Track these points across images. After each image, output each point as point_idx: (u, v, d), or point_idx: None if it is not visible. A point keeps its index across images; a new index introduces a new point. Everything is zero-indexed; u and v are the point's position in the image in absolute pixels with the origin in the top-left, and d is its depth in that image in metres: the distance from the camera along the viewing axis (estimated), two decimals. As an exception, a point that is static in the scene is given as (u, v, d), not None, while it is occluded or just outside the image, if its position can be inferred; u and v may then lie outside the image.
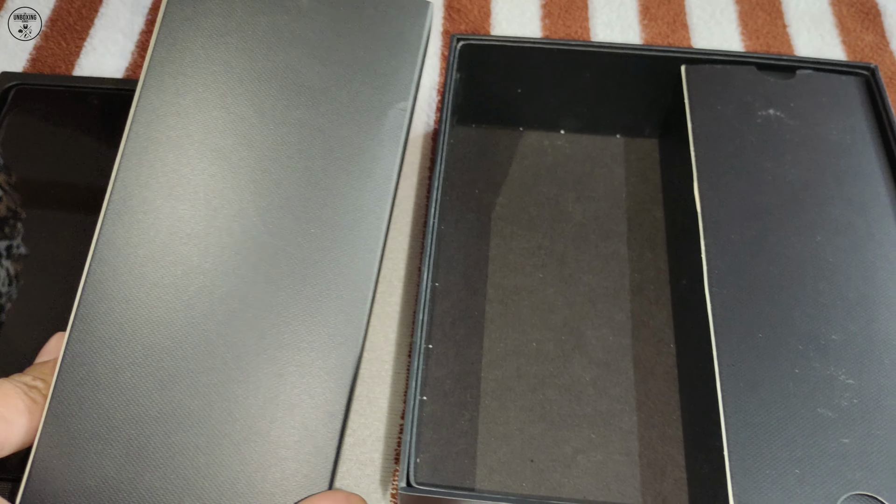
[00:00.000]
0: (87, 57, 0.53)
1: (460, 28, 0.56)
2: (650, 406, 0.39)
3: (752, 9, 0.57)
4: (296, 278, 0.32)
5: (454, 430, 0.38)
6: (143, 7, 0.56)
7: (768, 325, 0.34)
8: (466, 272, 0.43)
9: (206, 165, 0.33)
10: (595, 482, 0.37)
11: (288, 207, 0.33)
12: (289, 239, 0.33)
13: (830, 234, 0.37)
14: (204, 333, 0.32)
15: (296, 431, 0.31)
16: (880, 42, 0.55)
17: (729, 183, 0.39)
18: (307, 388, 0.31)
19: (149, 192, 0.33)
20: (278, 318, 0.32)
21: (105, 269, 0.32)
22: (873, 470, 0.31)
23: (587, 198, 0.46)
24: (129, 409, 0.31)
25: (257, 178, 0.33)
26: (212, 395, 0.31)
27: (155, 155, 0.33)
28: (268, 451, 0.30)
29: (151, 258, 0.32)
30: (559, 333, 0.41)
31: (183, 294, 0.32)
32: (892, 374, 0.33)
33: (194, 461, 0.30)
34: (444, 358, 0.40)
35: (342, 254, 0.33)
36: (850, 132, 0.41)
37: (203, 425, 0.31)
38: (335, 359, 0.32)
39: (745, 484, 0.31)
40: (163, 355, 0.31)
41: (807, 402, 0.32)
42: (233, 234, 0.33)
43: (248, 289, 0.32)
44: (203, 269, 0.32)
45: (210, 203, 0.33)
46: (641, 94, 0.46)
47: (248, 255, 0.33)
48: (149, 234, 0.33)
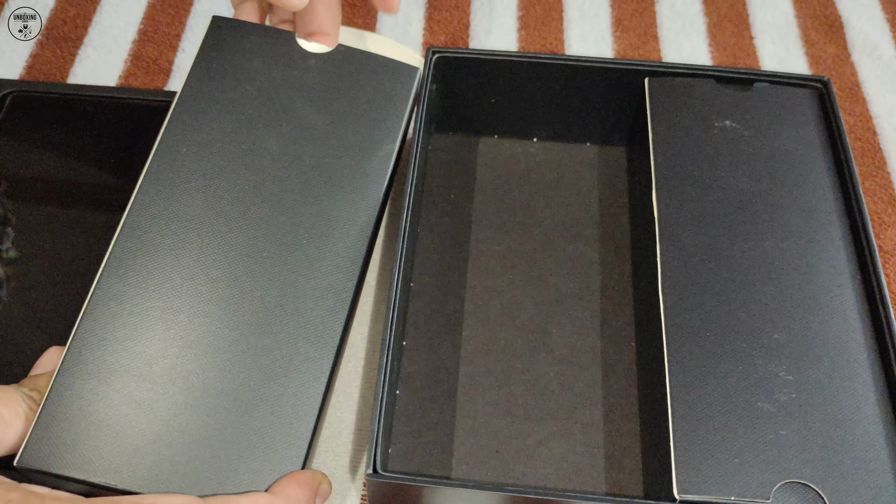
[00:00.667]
0: (81, 65, 0.55)
1: (440, 39, 0.58)
2: (611, 401, 0.41)
3: (720, 21, 0.59)
4: (285, 280, 0.36)
5: (425, 423, 0.40)
6: (136, 17, 0.58)
7: (716, 324, 0.37)
8: (441, 273, 0.46)
9: (220, 185, 0.38)
10: (556, 472, 0.39)
11: (285, 221, 0.38)
12: (283, 246, 0.37)
13: (778, 239, 0.40)
14: (196, 337, 0.35)
15: (273, 422, 0.33)
16: (842, 53, 0.58)
17: (685, 190, 0.41)
18: (286, 382, 0.34)
19: (166, 208, 0.38)
20: (266, 315, 0.36)
21: (107, 285, 0.35)
22: (808, 460, 0.33)
23: (557, 203, 0.49)
24: (121, 419, 0.33)
25: (261, 197, 0.38)
26: (196, 388, 0.34)
27: (175, 177, 0.39)
28: (245, 441, 0.33)
29: (155, 265, 0.36)
30: (527, 332, 0.44)
31: (178, 300, 0.35)
32: (830, 371, 0.36)
33: (178, 449, 0.33)
34: (417, 354, 0.42)
35: (328, 263, 0.37)
36: (801, 142, 0.43)
37: (188, 415, 0.33)
38: (314, 354, 0.35)
39: (687, 473, 0.33)
40: (156, 366, 0.34)
41: (748, 396, 0.35)
42: (235, 245, 0.37)
43: (243, 289, 0.36)
44: (207, 276, 0.36)
45: (219, 216, 0.38)
46: (610, 105, 0.48)
47: (246, 260, 0.37)
48: (161, 240, 0.37)
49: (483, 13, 0.59)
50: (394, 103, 0.42)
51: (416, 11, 0.59)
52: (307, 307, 0.36)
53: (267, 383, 0.34)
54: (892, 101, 0.55)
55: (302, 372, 0.35)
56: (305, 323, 0.36)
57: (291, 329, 0.36)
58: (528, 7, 0.60)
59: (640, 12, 0.60)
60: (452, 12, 0.59)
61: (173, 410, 0.33)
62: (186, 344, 0.35)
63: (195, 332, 0.35)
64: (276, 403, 0.34)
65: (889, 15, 0.60)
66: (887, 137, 0.53)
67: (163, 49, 0.56)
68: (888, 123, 0.54)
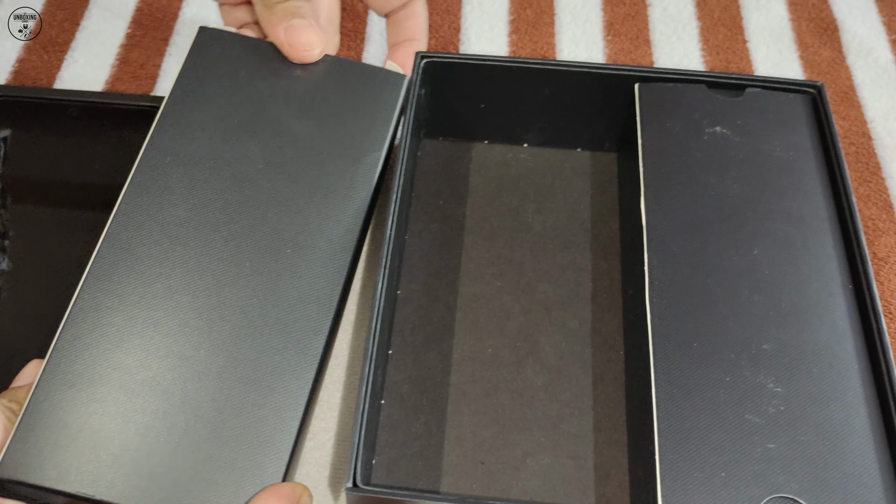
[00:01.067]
0: (68, 69, 0.55)
1: (431, 43, 0.57)
2: (598, 411, 0.41)
3: (713, 25, 0.59)
4: (267, 290, 0.36)
5: (409, 433, 0.40)
6: (123, 21, 0.58)
7: (703, 334, 0.36)
8: (428, 280, 0.45)
9: (204, 194, 0.38)
10: (542, 484, 0.39)
11: (268, 230, 0.38)
12: (266, 256, 0.37)
13: (768, 247, 0.39)
14: (177, 348, 0.34)
15: (254, 434, 0.33)
16: (837, 57, 0.57)
17: (674, 197, 0.41)
18: (267, 393, 0.34)
19: (149, 216, 0.38)
20: (248, 326, 0.35)
21: (88, 295, 0.35)
22: (795, 474, 0.33)
23: (547, 209, 0.48)
24: (100, 429, 0.33)
25: (245, 206, 0.38)
26: (176, 398, 0.33)
27: (159, 186, 0.38)
28: (225, 452, 0.32)
29: (137, 275, 0.36)
30: (514, 340, 0.43)
31: (159, 311, 0.35)
32: (820, 383, 0.35)
33: (158, 460, 0.32)
34: (402, 363, 0.42)
35: (311, 272, 0.37)
36: (793, 149, 0.43)
37: (168, 426, 0.33)
38: (297, 365, 0.35)
39: (673, 486, 0.32)
40: (136, 376, 0.34)
41: (736, 408, 0.34)
42: (218, 255, 0.37)
43: (225, 300, 0.36)
44: (189, 286, 0.36)
45: (202, 226, 0.37)
46: (600, 110, 0.48)
47: (229, 270, 0.36)
48: (145, 250, 0.37)
49: (474, 17, 0.59)
50: (381, 111, 0.42)
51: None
52: (290, 318, 0.36)
53: (248, 394, 0.34)
54: (887, 105, 0.55)
55: (284, 383, 0.34)
56: (288, 334, 0.35)
57: (273, 340, 0.35)
58: (519, 11, 0.59)
59: (632, 16, 0.59)
60: (443, 16, 0.58)
61: (153, 421, 0.33)
62: (167, 354, 0.34)
63: (176, 343, 0.34)
64: (258, 415, 0.33)
65: (885, 18, 0.60)
66: (882, 142, 0.53)
67: (150, 53, 0.56)
68: (883, 128, 0.53)
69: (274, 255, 0.37)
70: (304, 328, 0.36)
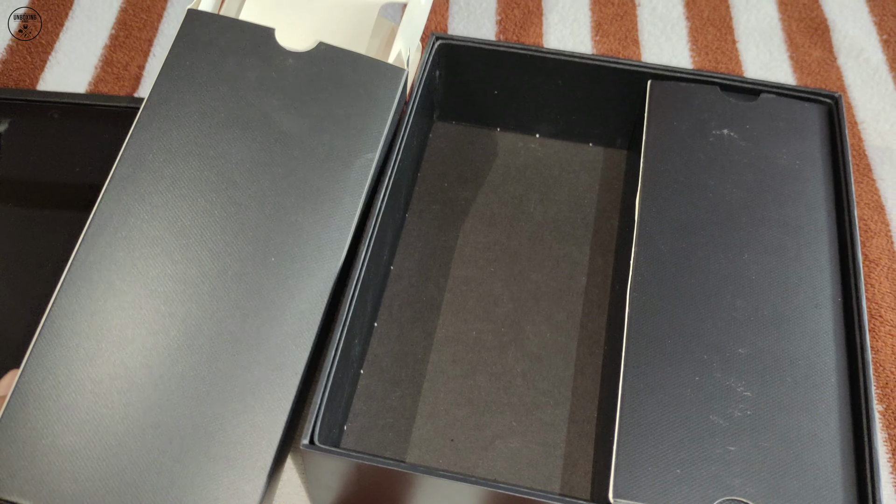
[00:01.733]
0: (51, 71, 0.55)
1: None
2: (574, 402, 0.41)
3: (702, 25, 0.58)
4: (249, 302, 0.35)
5: (384, 405, 0.40)
6: (107, 23, 0.58)
7: (679, 333, 0.36)
8: (422, 259, 0.45)
9: (185, 195, 0.36)
10: (509, 467, 0.39)
11: (253, 236, 0.36)
12: (250, 265, 0.35)
13: (759, 253, 0.38)
14: (154, 361, 0.33)
15: (231, 451, 0.32)
16: (828, 57, 0.56)
17: (669, 196, 0.40)
18: (246, 410, 0.33)
19: (129, 219, 0.36)
20: (228, 341, 0.34)
21: (63, 304, 0.34)
22: (753, 479, 0.32)
23: (550, 200, 0.48)
24: (72, 444, 0.32)
25: (229, 209, 0.36)
26: (152, 413, 0.33)
27: (140, 186, 0.37)
28: (202, 470, 0.32)
29: (114, 282, 0.35)
30: (500, 325, 0.43)
31: (136, 322, 0.34)
32: (792, 392, 0.34)
33: (130, 476, 0.32)
34: (386, 337, 0.43)
35: (297, 283, 0.35)
36: (801, 158, 0.42)
37: (142, 442, 0.32)
38: (277, 382, 0.34)
39: (626, 477, 0.32)
40: (112, 390, 0.33)
41: (701, 408, 0.34)
42: (199, 263, 0.35)
43: (205, 312, 0.34)
44: (168, 297, 0.35)
45: (182, 231, 0.36)
46: (614, 106, 0.48)
47: (210, 280, 0.35)
48: (123, 255, 0.35)
49: (461, 17, 0.59)
50: (376, 108, 0.40)
51: (394, 15, 0.59)
52: (272, 332, 0.34)
53: (226, 411, 0.33)
54: (878, 105, 0.54)
55: (263, 401, 0.33)
56: (268, 348, 0.34)
57: (253, 354, 0.34)
58: (507, 11, 0.59)
59: (620, 16, 0.59)
60: (431, 16, 0.59)
61: (127, 436, 0.32)
62: (143, 366, 0.33)
63: (152, 356, 0.33)
64: (235, 432, 0.33)
65: (876, 17, 0.59)
66: (873, 143, 0.52)
67: (134, 54, 0.56)
68: (874, 129, 0.53)
69: (258, 264, 0.35)
70: (286, 344, 0.34)
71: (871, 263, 0.46)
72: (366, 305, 0.40)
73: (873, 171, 0.51)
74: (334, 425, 0.37)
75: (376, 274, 0.41)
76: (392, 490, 0.35)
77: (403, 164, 0.43)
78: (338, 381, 0.36)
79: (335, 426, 0.37)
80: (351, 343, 0.37)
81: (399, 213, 0.45)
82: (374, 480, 0.34)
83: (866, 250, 0.47)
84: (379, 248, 0.40)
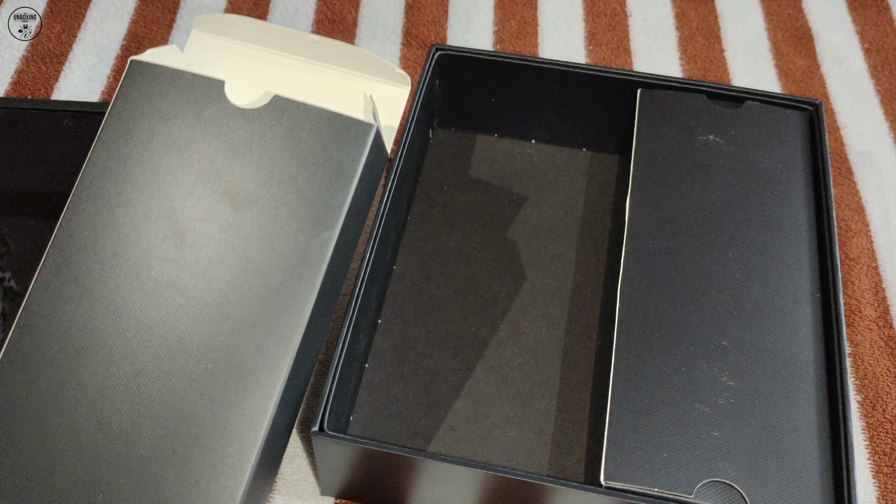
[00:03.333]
0: (65, 80, 0.57)
1: (417, 53, 0.60)
2: (568, 393, 0.43)
3: (691, 35, 0.61)
4: (207, 364, 0.34)
5: (389, 397, 0.43)
6: (119, 33, 0.60)
7: (666, 326, 0.38)
8: (423, 259, 0.48)
9: (131, 262, 0.35)
10: (507, 454, 0.41)
11: (212, 300, 0.35)
12: (206, 324, 0.34)
13: (742, 252, 0.41)
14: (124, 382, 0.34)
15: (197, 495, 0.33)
16: (812, 65, 0.59)
17: (658, 198, 0.43)
18: (217, 441, 0.33)
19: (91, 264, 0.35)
20: (192, 390, 0.34)
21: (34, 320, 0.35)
22: (736, 462, 0.34)
23: (545, 203, 0.50)
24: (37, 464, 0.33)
25: (183, 266, 0.35)
26: (119, 442, 0.33)
27: (91, 240, 0.36)
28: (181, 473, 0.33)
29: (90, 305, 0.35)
30: (497, 322, 0.45)
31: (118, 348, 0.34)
32: (773, 381, 0.37)
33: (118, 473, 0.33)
34: (390, 333, 0.45)
35: (255, 346, 0.34)
36: (782, 162, 0.44)
37: (114, 469, 0.33)
38: (249, 414, 0.34)
39: (617, 461, 0.35)
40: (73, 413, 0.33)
41: (687, 396, 0.36)
42: (156, 321, 0.35)
43: (167, 369, 0.34)
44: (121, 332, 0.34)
45: (136, 287, 0.35)
46: (605, 113, 0.50)
47: (170, 334, 0.34)
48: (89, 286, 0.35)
49: (459, 28, 0.61)
50: (339, 175, 0.35)
51: (393, 25, 0.61)
52: (227, 393, 0.34)
53: (193, 450, 0.33)
54: (859, 112, 0.56)
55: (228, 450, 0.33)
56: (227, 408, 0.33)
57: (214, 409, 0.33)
58: (503, 22, 0.62)
59: (612, 26, 0.61)
60: (429, 27, 0.61)
61: (96, 459, 0.33)
62: (92, 414, 0.33)
63: (109, 401, 0.33)
64: (201, 476, 0.33)
65: (858, 27, 0.61)
66: (854, 148, 0.55)
67: None
68: (856, 134, 0.55)
69: (215, 325, 0.34)
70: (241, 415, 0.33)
71: (851, 262, 0.49)
72: (370, 303, 0.42)
73: (854, 174, 0.53)
74: (341, 415, 0.39)
75: (380, 273, 0.43)
76: (397, 476, 0.37)
77: (405, 170, 0.45)
78: (345, 374, 0.38)
79: (342, 416, 0.39)
80: (357, 338, 0.39)
81: (401, 215, 0.47)
82: (380, 466, 0.36)
83: (847, 249, 0.49)
84: (382, 249, 0.42)
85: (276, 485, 0.40)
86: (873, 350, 0.45)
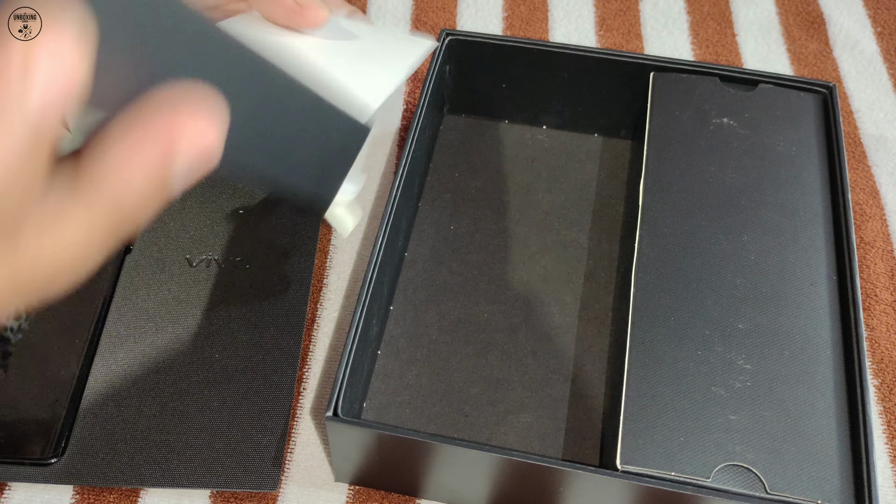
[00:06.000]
0: None
1: None
2: (582, 379, 0.43)
3: (703, 19, 0.60)
4: None
5: (401, 383, 0.42)
6: None
7: (682, 310, 0.38)
8: (435, 245, 0.47)
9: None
10: (520, 439, 0.41)
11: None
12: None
13: (757, 234, 0.40)
14: None
15: None
16: (824, 49, 0.59)
17: (672, 182, 0.42)
18: None
19: None
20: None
21: None
22: (753, 445, 0.34)
23: (557, 189, 0.50)
24: None
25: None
26: None
27: None
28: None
29: None
30: (510, 307, 0.45)
31: None
32: (790, 364, 0.36)
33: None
34: (402, 319, 0.44)
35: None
36: (796, 144, 0.44)
37: None
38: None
39: (633, 444, 0.34)
40: None
41: (704, 380, 0.36)
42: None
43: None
44: None
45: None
46: (617, 98, 0.50)
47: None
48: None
49: (469, 14, 0.61)
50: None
51: (402, 12, 0.61)
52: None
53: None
54: (872, 95, 0.56)
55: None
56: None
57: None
58: (513, 7, 0.61)
59: (623, 11, 0.61)
60: (439, 13, 0.61)
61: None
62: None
63: None
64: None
65: (870, 10, 0.61)
66: (868, 131, 0.54)
67: None
68: (868, 118, 0.55)
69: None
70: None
71: (866, 245, 0.48)
72: (382, 289, 0.42)
73: (868, 157, 0.53)
74: (355, 401, 0.39)
75: (392, 259, 0.43)
76: (411, 462, 0.37)
77: (416, 156, 0.45)
78: (357, 360, 0.37)
79: (356, 402, 0.39)
80: (369, 324, 0.39)
81: (412, 202, 0.47)
82: (394, 452, 0.36)
83: (862, 233, 0.49)
84: (394, 236, 0.42)
85: (290, 471, 0.40)
86: (889, 334, 0.45)
